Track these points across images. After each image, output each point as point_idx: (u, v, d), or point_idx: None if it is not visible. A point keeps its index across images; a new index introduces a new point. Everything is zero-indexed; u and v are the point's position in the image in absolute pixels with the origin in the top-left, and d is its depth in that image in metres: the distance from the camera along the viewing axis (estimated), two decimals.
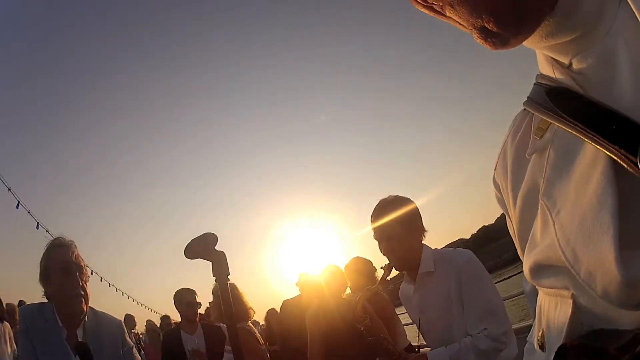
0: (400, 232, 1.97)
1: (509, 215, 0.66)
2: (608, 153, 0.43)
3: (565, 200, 0.50)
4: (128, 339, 2.08)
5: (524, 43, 0.51)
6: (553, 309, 0.55)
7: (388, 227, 1.97)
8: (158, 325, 7.03)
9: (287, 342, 3.29)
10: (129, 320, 7.66)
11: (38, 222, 10.91)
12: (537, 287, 0.60)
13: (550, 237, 0.51)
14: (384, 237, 2.00)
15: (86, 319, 1.96)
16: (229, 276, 1.63)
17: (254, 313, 3.50)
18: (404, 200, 2.03)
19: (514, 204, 0.62)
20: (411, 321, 2.38)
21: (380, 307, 2.71)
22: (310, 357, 2.62)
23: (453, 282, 1.93)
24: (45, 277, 1.94)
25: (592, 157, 0.46)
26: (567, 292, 0.52)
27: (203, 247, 1.63)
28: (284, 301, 3.52)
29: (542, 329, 0.58)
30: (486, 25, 0.48)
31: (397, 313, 3.13)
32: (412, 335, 2.64)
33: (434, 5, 0.51)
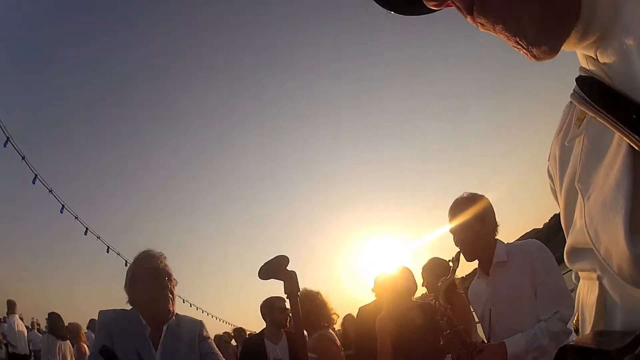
0: (476, 225, 2.06)
1: (558, 204, 0.69)
2: (628, 140, 0.46)
3: (595, 185, 0.52)
4: (206, 333, 2.08)
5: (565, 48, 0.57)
6: (586, 293, 0.58)
7: (465, 222, 2.07)
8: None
9: (362, 346, 3.34)
10: None
11: (108, 246, 10.57)
12: (575, 272, 0.63)
13: (582, 221, 0.54)
14: (461, 231, 2.08)
15: (171, 324, 1.98)
16: (299, 292, 1.86)
17: (337, 318, 3.54)
18: (478, 197, 2.13)
19: (561, 192, 0.65)
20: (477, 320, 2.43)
21: (455, 302, 2.70)
22: (380, 358, 2.72)
23: (526, 270, 2.00)
24: (132, 283, 1.99)
25: (617, 143, 0.49)
26: (595, 275, 0.54)
27: (276, 268, 1.85)
28: (360, 307, 3.63)
29: (577, 313, 0.61)
30: (521, 48, 0.54)
31: None
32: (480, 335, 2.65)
33: (485, 27, 0.57)
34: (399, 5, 0.66)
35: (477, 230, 2.07)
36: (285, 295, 1.86)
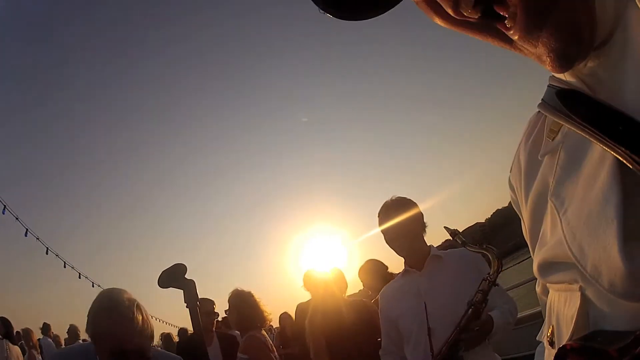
0: (411, 224, 2.11)
1: (522, 216, 0.67)
2: (613, 153, 0.45)
3: (572, 199, 0.51)
4: None
5: None
6: (563, 304, 0.56)
7: (402, 221, 2.09)
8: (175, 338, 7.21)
9: (303, 344, 3.46)
10: None
11: (48, 248, 11.05)
12: (546, 285, 0.61)
13: (558, 235, 0.52)
14: (399, 229, 2.09)
15: None
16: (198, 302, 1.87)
17: (271, 319, 3.54)
18: (408, 200, 2.18)
19: (526, 205, 0.63)
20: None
21: None
22: (315, 356, 2.78)
23: (467, 267, 2.06)
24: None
25: (600, 156, 0.47)
26: (575, 286, 0.52)
27: (175, 277, 1.86)
28: (298, 305, 3.71)
29: (552, 326, 0.58)
30: (550, 62, 0.49)
31: None
32: None
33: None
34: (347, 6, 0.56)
35: (412, 229, 2.12)
36: (185, 304, 1.87)
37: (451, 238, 2.03)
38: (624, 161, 0.43)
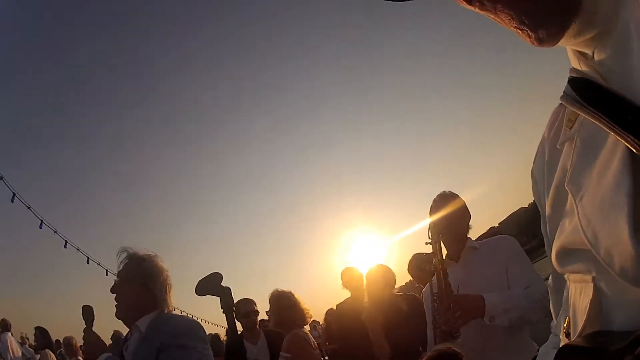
0: (462, 216, 2.22)
1: (541, 206, 0.68)
2: (623, 142, 0.45)
3: (588, 186, 0.51)
4: (178, 341, 1.87)
5: (562, 43, 0.55)
6: (578, 296, 0.56)
7: (454, 211, 2.20)
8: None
9: (345, 342, 3.54)
10: None
11: (88, 257, 9.89)
12: (564, 275, 0.61)
13: (574, 221, 0.53)
14: (450, 218, 2.18)
15: (140, 324, 1.90)
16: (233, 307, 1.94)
17: (311, 317, 3.63)
18: (457, 195, 2.29)
19: (547, 194, 0.63)
20: None
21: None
22: (377, 348, 2.85)
23: (498, 257, 2.09)
24: None
25: (613, 143, 0.48)
26: (589, 277, 0.52)
27: (211, 285, 1.92)
28: (337, 305, 3.74)
29: (569, 317, 0.58)
30: (525, 28, 0.52)
31: None
32: None
33: (484, 4, 0.54)
34: None
35: (462, 220, 2.21)
36: (222, 310, 1.93)
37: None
38: (632, 149, 0.45)
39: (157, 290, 1.97)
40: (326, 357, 4.70)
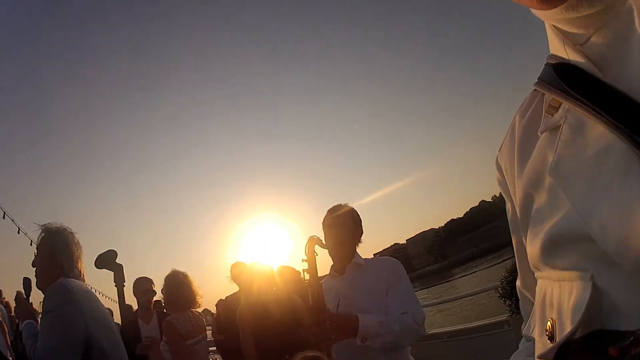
0: (353, 226, 2.29)
1: (510, 197, 0.65)
2: (613, 132, 0.44)
3: (581, 173, 0.48)
4: (46, 305, 1.98)
5: (545, 15, 0.52)
6: (567, 296, 0.52)
7: (345, 220, 2.28)
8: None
9: (230, 334, 3.53)
10: None
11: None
12: (546, 271, 0.56)
13: (565, 211, 0.50)
14: (340, 226, 2.25)
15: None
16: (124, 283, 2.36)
17: (201, 301, 3.60)
18: (349, 208, 2.38)
19: (519, 183, 0.61)
20: None
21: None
22: (244, 351, 2.87)
23: (381, 276, 2.17)
24: None
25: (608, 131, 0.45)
26: (586, 274, 0.49)
27: (107, 261, 2.35)
28: (226, 297, 3.74)
29: (553, 319, 0.54)
30: None
31: None
32: None
33: None
34: None
35: (352, 230, 2.28)
36: (114, 283, 2.38)
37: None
38: (622, 141, 0.43)
39: (63, 261, 2.08)
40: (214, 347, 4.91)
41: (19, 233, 10.31)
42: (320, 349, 1.91)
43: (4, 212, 10.05)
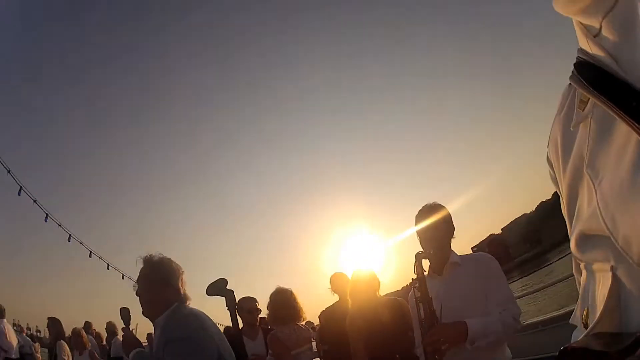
0: (445, 227, 2.34)
1: (560, 191, 0.66)
2: (629, 127, 0.45)
3: (606, 169, 0.50)
4: (169, 335, 2.03)
5: (562, 10, 0.54)
6: (597, 286, 0.54)
7: (436, 222, 2.32)
8: None
9: (334, 344, 3.62)
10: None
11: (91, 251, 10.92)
12: (582, 264, 0.59)
13: (593, 206, 0.51)
14: (433, 229, 2.31)
15: (160, 322, 2.13)
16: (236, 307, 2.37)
17: (305, 316, 3.73)
18: (442, 206, 2.42)
19: (565, 178, 0.62)
20: None
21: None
22: (354, 356, 2.93)
23: (478, 274, 2.22)
24: None
25: (628, 127, 0.47)
26: (607, 266, 0.51)
27: (219, 288, 2.35)
28: (326, 308, 3.79)
29: (587, 307, 0.57)
30: None
31: None
32: None
33: None
34: None
35: (446, 230, 2.34)
36: (227, 308, 2.37)
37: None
38: (636, 133, 0.44)
39: (176, 287, 2.19)
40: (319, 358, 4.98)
41: (108, 269, 11.14)
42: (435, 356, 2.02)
43: (90, 251, 10.94)
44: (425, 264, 2.37)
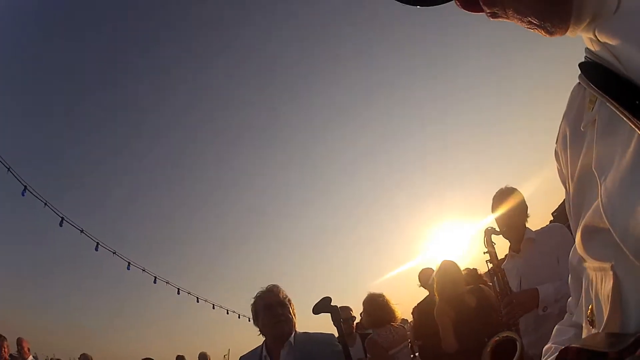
0: (521, 210, 2.53)
1: (566, 187, 0.67)
2: (633, 126, 0.45)
3: (610, 167, 0.50)
4: (337, 346, 2.31)
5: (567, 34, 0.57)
6: (600, 284, 0.54)
7: (514, 207, 2.50)
8: None
9: (428, 338, 3.66)
10: None
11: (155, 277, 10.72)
12: (588, 260, 0.59)
13: (597, 202, 0.52)
14: (512, 214, 2.50)
15: (292, 341, 2.32)
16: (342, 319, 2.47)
17: (400, 315, 3.89)
18: (516, 190, 2.58)
19: (572, 176, 0.63)
20: None
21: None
22: (445, 343, 3.08)
23: (551, 244, 2.38)
24: (255, 317, 2.43)
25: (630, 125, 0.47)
26: (608, 265, 0.51)
27: (324, 306, 2.46)
28: (418, 304, 3.92)
29: (592, 305, 0.57)
30: (535, 26, 0.57)
31: None
32: None
33: (497, 13, 0.59)
34: None
35: (519, 212, 2.51)
36: (333, 323, 2.49)
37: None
38: (637, 130, 0.45)
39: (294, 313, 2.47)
40: (417, 354, 5.06)
41: (197, 302, 11.53)
42: (510, 328, 2.15)
43: (198, 296, 11.10)
44: (506, 245, 2.55)
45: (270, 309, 2.40)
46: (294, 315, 2.44)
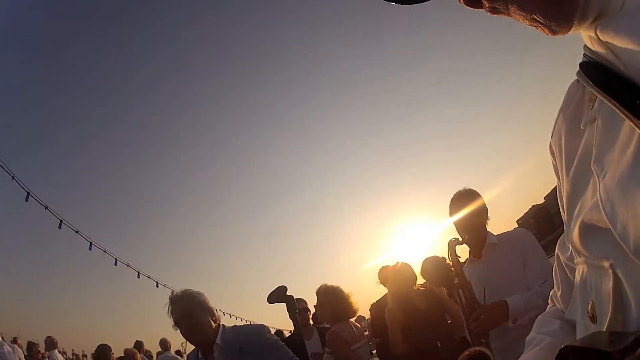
0: (479, 214, 2.39)
1: (560, 182, 0.67)
2: (634, 126, 0.46)
3: (610, 164, 0.51)
4: (269, 336, 2.40)
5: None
6: (600, 282, 0.54)
7: (473, 211, 2.37)
8: None
9: (385, 336, 3.61)
10: None
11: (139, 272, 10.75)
12: (584, 256, 0.58)
13: (596, 198, 0.52)
14: (470, 217, 2.36)
15: (219, 342, 2.30)
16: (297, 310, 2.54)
17: (357, 310, 3.74)
18: (475, 192, 2.46)
19: (567, 172, 0.63)
20: None
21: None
22: (392, 345, 3.08)
23: (515, 251, 2.27)
24: (175, 325, 2.37)
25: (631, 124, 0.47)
26: (607, 263, 0.51)
27: (279, 295, 2.52)
28: (377, 301, 4.00)
29: (592, 301, 0.57)
30: (538, 24, 0.55)
31: None
32: None
33: (498, 9, 0.58)
34: None
35: (479, 214, 2.38)
36: (288, 313, 2.55)
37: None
38: (637, 130, 0.45)
39: (212, 315, 2.42)
40: (374, 351, 5.06)
41: (157, 287, 11.16)
42: (480, 342, 2.07)
43: (157, 280, 10.97)
44: (466, 250, 2.46)
45: (179, 324, 2.37)
46: (212, 314, 2.40)
